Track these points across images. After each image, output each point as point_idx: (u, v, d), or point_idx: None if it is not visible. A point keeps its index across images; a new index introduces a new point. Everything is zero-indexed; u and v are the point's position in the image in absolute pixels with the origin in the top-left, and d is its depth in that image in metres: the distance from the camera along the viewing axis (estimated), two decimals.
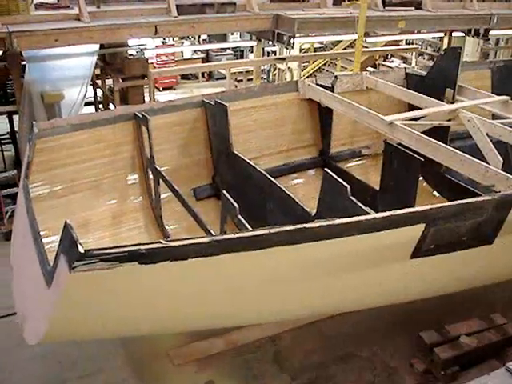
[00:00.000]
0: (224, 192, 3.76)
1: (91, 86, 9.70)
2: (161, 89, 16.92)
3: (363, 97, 6.84)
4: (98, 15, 8.73)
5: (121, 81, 9.30)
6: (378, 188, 5.98)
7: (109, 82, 9.77)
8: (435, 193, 6.85)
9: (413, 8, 11.23)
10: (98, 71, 9.70)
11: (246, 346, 5.43)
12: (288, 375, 5.14)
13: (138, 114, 5.41)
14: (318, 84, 6.58)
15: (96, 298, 3.03)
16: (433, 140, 5.17)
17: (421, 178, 6.14)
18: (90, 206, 5.33)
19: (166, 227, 5.50)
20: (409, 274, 3.99)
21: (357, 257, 3.50)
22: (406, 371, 5.17)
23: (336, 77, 6.74)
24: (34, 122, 4.92)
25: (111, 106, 9.74)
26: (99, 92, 10.17)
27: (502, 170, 4.75)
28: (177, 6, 9.17)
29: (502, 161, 5.07)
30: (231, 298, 3.47)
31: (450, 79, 6.56)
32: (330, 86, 6.59)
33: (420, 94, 6.38)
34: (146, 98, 9.97)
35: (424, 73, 6.99)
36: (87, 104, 9.44)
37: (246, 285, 3.36)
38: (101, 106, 10.21)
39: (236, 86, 14.37)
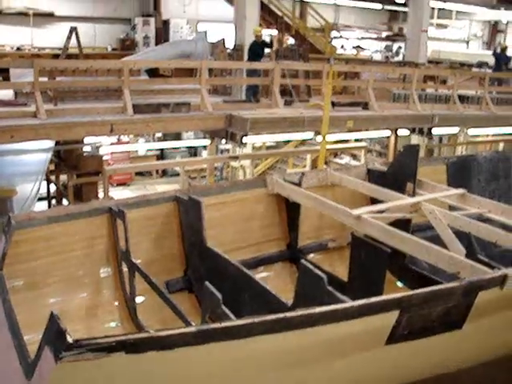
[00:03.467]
0: (207, 283, 3.84)
1: (45, 181, 9.52)
2: (115, 184, 16.82)
3: (328, 191, 6.99)
4: (55, 113, 8.76)
5: (75, 177, 9.18)
6: (345, 279, 6.02)
7: (63, 177, 9.63)
8: (398, 283, 6.89)
9: (360, 108, 11.89)
10: (52, 167, 9.57)
11: None
12: None
13: (114, 208, 5.47)
14: (285, 180, 6.70)
15: None
16: (399, 231, 5.34)
17: None
18: (64, 298, 5.29)
19: (140, 320, 5.37)
20: (383, 360, 4.05)
21: (336, 344, 3.58)
22: None
23: (303, 173, 6.94)
24: (10, 214, 5.00)
25: (64, 202, 9.53)
26: (52, 187, 9.96)
27: (465, 258, 4.92)
28: (133, 105, 9.34)
29: (464, 250, 5.25)
30: None
31: (409, 174, 6.83)
32: (297, 182, 6.73)
33: (382, 188, 6.58)
34: (100, 194, 9.84)
35: (385, 168, 7.27)
36: (40, 199, 9.20)
37: (230, 373, 3.38)
38: (54, 201, 9.97)
39: (190, 184, 14.45)
